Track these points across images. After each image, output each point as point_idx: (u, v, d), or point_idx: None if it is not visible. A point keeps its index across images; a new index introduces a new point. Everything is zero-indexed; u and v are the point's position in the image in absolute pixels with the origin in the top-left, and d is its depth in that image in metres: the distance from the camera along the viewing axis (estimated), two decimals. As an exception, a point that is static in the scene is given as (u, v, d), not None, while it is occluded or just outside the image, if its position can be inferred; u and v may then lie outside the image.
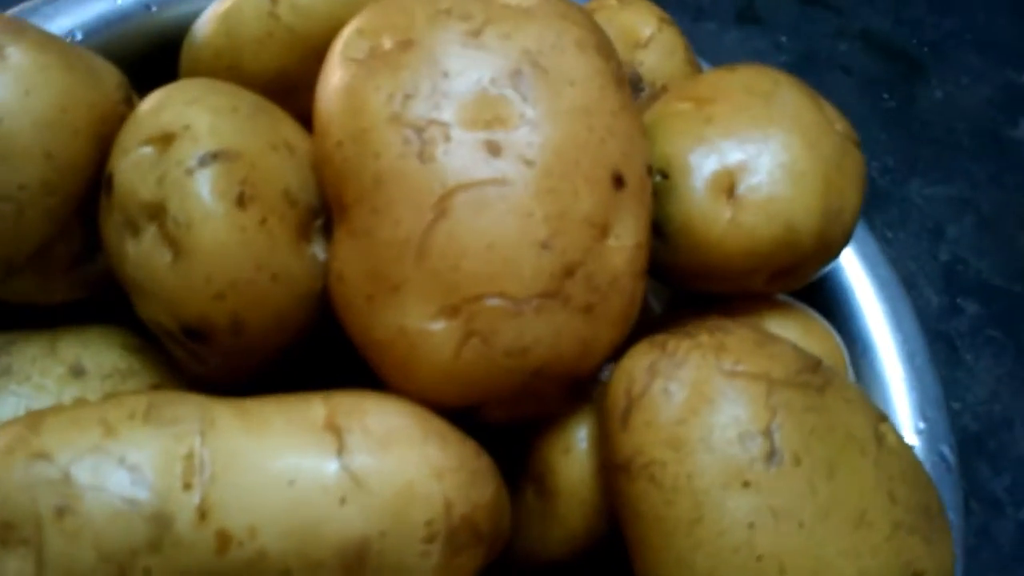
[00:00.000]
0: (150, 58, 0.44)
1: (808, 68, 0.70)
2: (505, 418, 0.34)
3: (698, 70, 0.45)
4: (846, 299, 0.45)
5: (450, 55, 0.32)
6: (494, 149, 0.31)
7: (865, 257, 0.46)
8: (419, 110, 0.32)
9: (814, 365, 0.33)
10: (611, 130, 0.33)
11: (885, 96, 0.71)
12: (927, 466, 0.40)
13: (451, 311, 0.31)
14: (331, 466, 0.28)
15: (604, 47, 0.35)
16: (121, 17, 0.43)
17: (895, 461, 0.33)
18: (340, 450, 0.29)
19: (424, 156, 0.31)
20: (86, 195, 0.33)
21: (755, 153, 0.37)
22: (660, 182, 0.37)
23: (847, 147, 0.39)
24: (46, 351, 0.34)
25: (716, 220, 0.37)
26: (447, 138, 0.31)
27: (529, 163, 0.31)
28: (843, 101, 0.62)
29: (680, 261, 0.37)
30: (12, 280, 0.33)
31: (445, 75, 0.32)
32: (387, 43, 0.33)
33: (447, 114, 0.32)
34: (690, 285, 0.39)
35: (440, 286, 0.31)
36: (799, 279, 0.39)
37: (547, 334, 0.31)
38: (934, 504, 0.33)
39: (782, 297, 0.41)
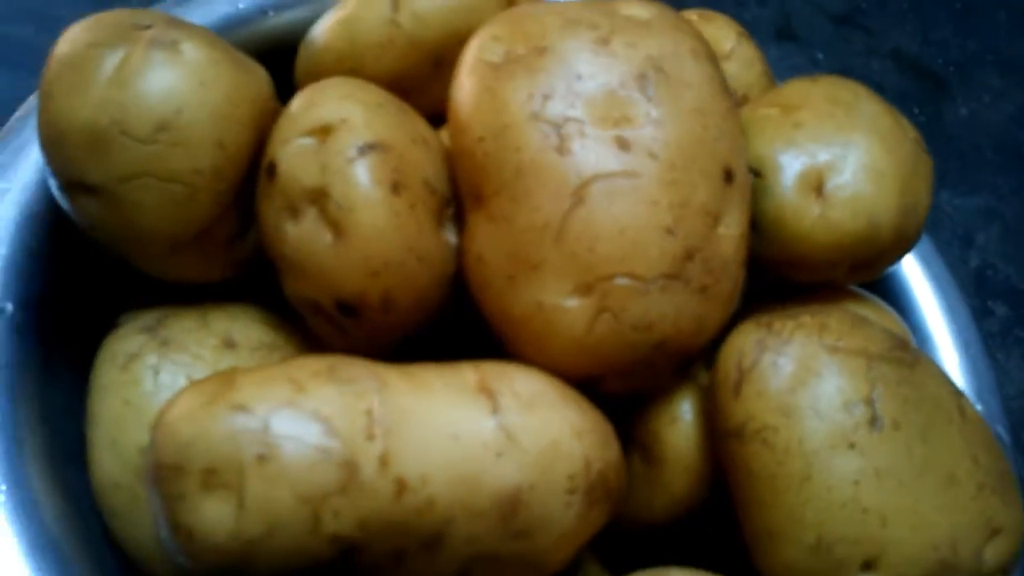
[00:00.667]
0: (264, 60, 0.47)
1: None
2: (622, 389, 0.37)
3: (772, 81, 0.49)
4: (905, 293, 0.49)
5: (582, 60, 0.36)
6: (623, 144, 0.35)
7: (920, 255, 0.50)
8: (556, 108, 0.35)
9: (904, 344, 0.37)
10: (722, 130, 0.37)
11: (916, 111, 0.75)
12: (986, 446, 0.44)
13: (585, 289, 0.34)
14: (488, 423, 0.31)
15: (712, 56, 0.38)
16: (241, 20, 0.46)
17: (975, 430, 0.36)
18: (495, 409, 0.32)
19: (562, 150, 0.34)
20: (245, 181, 0.36)
21: (840, 155, 0.41)
22: (754, 180, 0.41)
23: (919, 152, 0.43)
24: (199, 325, 0.37)
25: (806, 214, 0.40)
26: (582, 134, 0.35)
27: (654, 157, 0.35)
28: None
29: (772, 252, 0.41)
30: (174, 257, 0.36)
31: (578, 77, 0.36)
32: (521, 49, 0.36)
33: (581, 112, 0.35)
34: (780, 274, 0.42)
35: (576, 266, 0.34)
36: (876, 271, 0.43)
37: (669, 311, 0.35)
38: (1007, 469, 0.37)
39: (854, 289, 0.45)
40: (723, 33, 0.48)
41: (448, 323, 0.39)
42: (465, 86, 0.37)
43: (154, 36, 0.35)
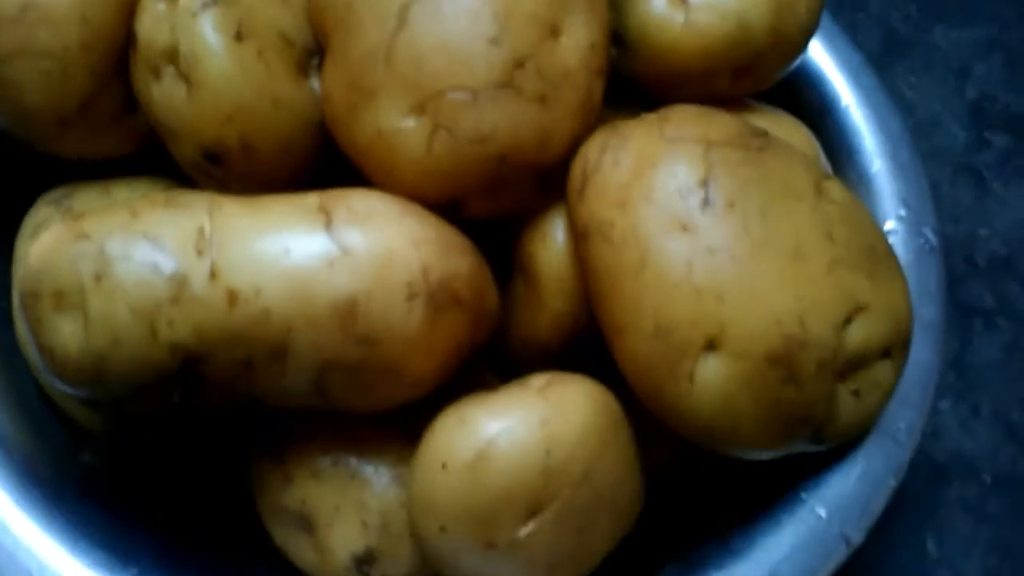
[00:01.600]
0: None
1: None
2: (486, 211, 0.38)
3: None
4: (832, 108, 0.48)
5: None
6: (444, -37, 0.36)
7: (849, 68, 0.48)
8: (378, -61, 0.36)
9: (757, 132, 0.36)
10: (554, -60, 0.37)
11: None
12: (911, 248, 0.43)
13: (419, 108, 0.35)
14: (320, 237, 0.33)
15: None
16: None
17: (835, 209, 0.35)
18: (328, 224, 0.34)
19: (384, -23, 0.36)
20: (120, 54, 0.39)
21: (706, -40, 0.40)
22: (620, -2, 0.41)
23: (799, -52, 0.42)
24: (102, 194, 0.41)
25: (671, 25, 0.40)
26: (403, -41, 0.36)
27: (477, -29, 0.36)
28: None
29: (642, 68, 0.41)
30: (65, 134, 0.39)
31: (400, -92, 0.37)
32: None
33: (402, -64, 0.36)
34: (657, 92, 0.42)
35: (407, 86, 0.35)
36: (762, 77, 0.42)
37: (504, 121, 0.36)
38: (880, 247, 0.36)
39: (756, 102, 0.44)
40: None
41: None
42: (306, -66, 0.39)
43: (18, -73, 0.38)
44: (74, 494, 0.38)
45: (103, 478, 0.41)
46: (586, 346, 0.40)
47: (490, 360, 0.42)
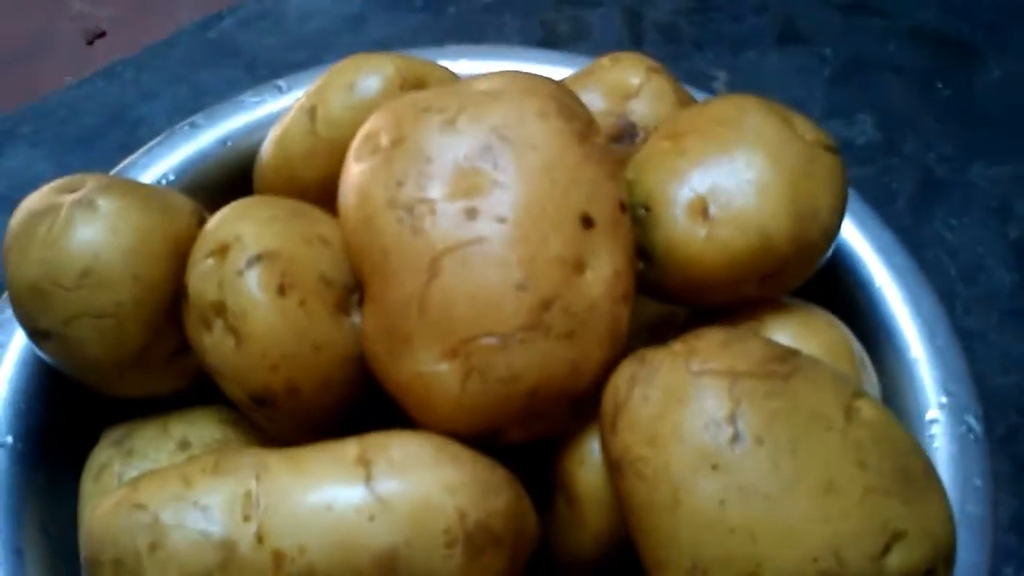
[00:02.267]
0: (234, 183, 0.53)
1: (855, 74, 0.72)
2: (523, 438, 0.39)
3: (691, 109, 0.50)
4: (865, 291, 0.48)
5: (431, 143, 0.39)
6: (472, 214, 0.38)
7: (881, 249, 0.49)
8: (408, 193, 0.38)
9: (783, 356, 0.37)
10: (573, 180, 0.39)
11: (939, 86, 0.72)
12: (954, 437, 0.43)
13: (451, 353, 0.37)
14: (360, 491, 0.35)
15: (565, 110, 0.40)
16: (203, 156, 0.53)
17: (866, 432, 0.36)
18: (368, 478, 0.35)
19: (416, 230, 0.38)
20: (173, 304, 0.42)
21: (724, 174, 0.42)
22: (644, 215, 0.43)
23: (816, 153, 0.43)
24: (160, 432, 0.43)
25: (694, 239, 0.41)
26: (432, 212, 0.38)
27: (502, 220, 0.38)
28: (894, 101, 0.65)
29: (670, 281, 0.42)
30: (124, 379, 0.42)
31: (428, 160, 0.39)
32: (384, 141, 0.40)
33: (432, 192, 0.38)
34: (686, 301, 0.43)
35: (440, 333, 0.37)
36: (789, 280, 0.43)
37: (534, 361, 0.37)
38: (916, 467, 0.36)
39: (787, 299, 0.45)
40: (630, 72, 0.49)
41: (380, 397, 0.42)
42: (343, 184, 0.41)
43: (76, 198, 0.41)
44: None
45: None
46: (630, 562, 0.41)
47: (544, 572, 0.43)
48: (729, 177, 0.42)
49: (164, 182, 0.51)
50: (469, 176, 0.38)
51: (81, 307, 0.40)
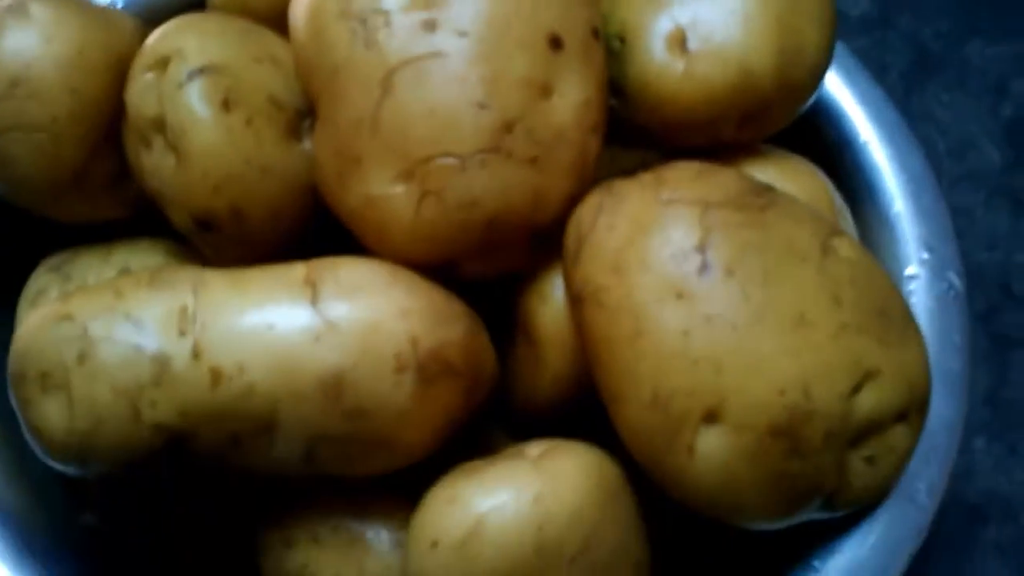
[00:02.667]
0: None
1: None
2: (482, 272, 0.37)
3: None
4: (850, 147, 0.46)
5: (389, -51, 0.36)
6: (430, 26, 0.35)
7: (868, 103, 0.46)
8: (362, 2, 0.35)
9: (759, 190, 0.35)
10: (544, -2, 0.36)
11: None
12: (933, 294, 0.41)
13: (406, 175, 0.35)
14: (305, 311, 0.33)
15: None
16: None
17: (843, 268, 0.34)
18: (314, 299, 0.33)
19: (368, 42, 0.35)
20: (112, 124, 0.39)
21: (705, 5, 0.39)
22: (619, 47, 0.40)
23: (804, -13, 0.40)
24: (101, 259, 0.41)
25: (670, 74, 0.39)
26: (388, 23, 0.35)
27: (462, 34, 0.35)
28: None
29: (643, 118, 0.40)
30: (61, 201, 0.39)
31: (386, -31, 0.36)
32: (340, -49, 0.37)
33: (387, 2, 0.35)
34: (660, 142, 0.41)
35: (394, 154, 0.35)
36: (771, 122, 0.40)
37: (494, 186, 0.35)
38: (894, 308, 0.34)
39: (766, 146, 0.42)
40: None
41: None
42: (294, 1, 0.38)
43: (8, 4, 0.38)
44: (73, 554, 0.38)
45: (103, 539, 0.41)
46: (590, 405, 0.39)
47: (498, 415, 0.41)
48: (711, 8, 0.39)
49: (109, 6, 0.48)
50: (431, -13, 0.36)
51: (11, 119, 0.37)
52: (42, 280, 0.40)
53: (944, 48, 0.65)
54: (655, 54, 0.39)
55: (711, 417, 0.32)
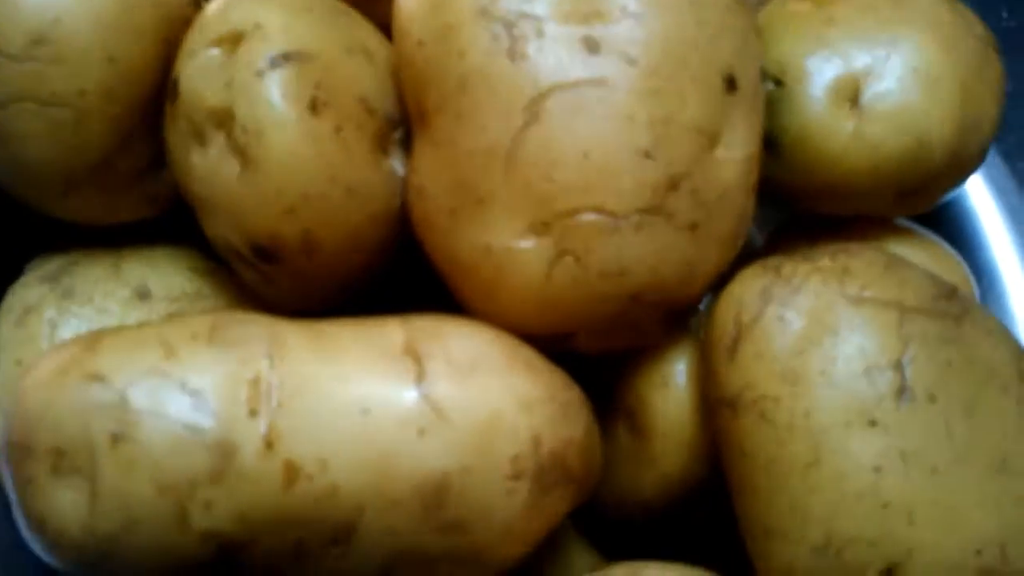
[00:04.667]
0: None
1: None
2: (598, 347, 0.31)
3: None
4: (972, 228, 0.41)
5: (544, -59, 0.29)
6: (592, 46, 0.28)
7: (993, 182, 0.42)
8: (509, 3, 0.28)
9: (950, 292, 0.29)
10: (723, 26, 0.30)
11: (1004, 15, 0.64)
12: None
13: (542, 227, 0.28)
14: (410, 394, 0.26)
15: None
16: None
17: (1043, 402, 0.29)
18: (419, 377, 0.26)
19: (514, 54, 0.28)
20: (151, 104, 0.31)
21: (883, 56, 0.33)
22: (773, 90, 0.34)
23: (987, 53, 0.35)
24: (110, 273, 0.33)
25: (837, 132, 0.33)
26: (540, 33, 0.28)
27: (631, 61, 0.28)
28: None
29: (796, 178, 0.34)
30: (72, 196, 0.31)
31: (539, -37, 0.29)
32: (475, -72, 0.30)
33: (540, 7, 0.28)
34: (807, 206, 0.35)
35: (530, 199, 0.28)
36: (928, 200, 0.35)
37: (648, 254, 0.28)
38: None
39: (903, 222, 0.37)
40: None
41: (407, 267, 0.33)
42: (403, -23, 0.30)
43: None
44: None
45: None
46: (690, 509, 0.33)
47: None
48: (889, 60, 0.33)
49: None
50: (592, -5, 0.29)
51: (26, 87, 0.29)
52: (32, 292, 0.32)
53: (1010, 109, 0.60)
54: (819, 104, 0.33)
55: (889, 572, 0.26)
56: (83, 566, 0.25)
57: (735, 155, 0.30)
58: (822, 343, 0.28)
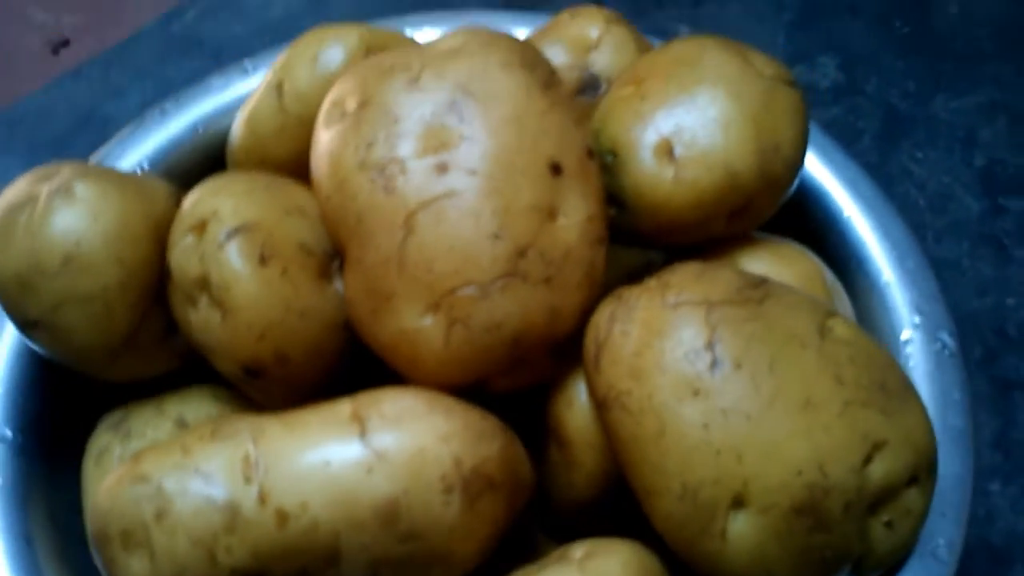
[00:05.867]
0: (208, 168, 0.53)
1: (814, 19, 0.73)
2: (511, 386, 0.40)
3: (651, 57, 0.51)
4: (834, 222, 0.49)
5: (397, 103, 0.40)
6: (443, 169, 0.38)
7: (847, 181, 0.50)
8: (379, 153, 0.39)
9: (755, 283, 0.38)
10: (541, 129, 0.39)
11: (898, 24, 0.73)
12: (929, 354, 0.44)
13: (434, 307, 0.38)
14: (356, 446, 0.36)
15: (528, 60, 0.41)
16: (175, 143, 0.53)
17: (841, 349, 0.37)
18: (363, 433, 0.36)
19: (388, 189, 0.39)
20: (159, 285, 0.42)
21: (686, 115, 0.43)
22: (612, 161, 0.43)
23: (776, 88, 0.43)
24: (155, 413, 0.44)
25: (662, 181, 0.42)
26: (404, 170, 0.39)
27: (472, 172, 0.38)
28: (854, 41, 0.66)
29: (641, 224, 0.43)
30: (115, 363, 0.42)
31: (395, 120, 0.40)
32: (351, 105, 0.41)
33: (402, 151, 0.39)
34: (659, 243, 0.44)
35: (421, 289, 0.38)
36: (757, 215, 0.44)
37: (514, 307, 0.38)
38: (892, 380, 0.37)
39: (758, 234, 0.46)
40: (589, 23, 0.50)
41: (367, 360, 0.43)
42: (314, 152, 0.42)
43: (53, 187, 0.42)
44: None
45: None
46: (623, 499, 0.42)
47: (539, 518, 0.44)
48: (692, 116, 0.43)
49: (139, 171, 0.52)
50: (437, 132, 0.39)
51: (66, 293, 0.40)
52: (103, 439, 0.43)
53: (912, 107, 0.68)
54: (646, 164, 0.42)
55: (738, 503, 0.35)
56: (155, 613, 0.35)
57: (573, 220, 0.39)
58: (652, 343, 0.36)
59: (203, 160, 0.53)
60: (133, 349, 0.42)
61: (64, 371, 0.44)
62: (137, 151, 0.52)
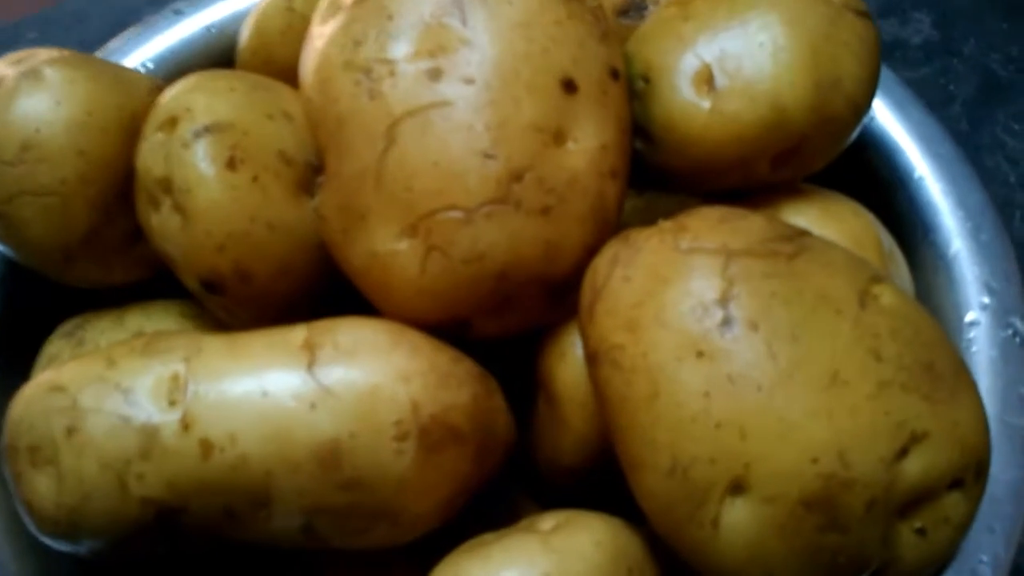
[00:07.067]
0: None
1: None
2: (496, 331, 0.35)
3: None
4: (903, 183, 0.43)
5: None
6: (436, 75, 0.33)
7: (923, 137, 0.43)
8: (366, 53, 0.34)
9: (789, 235, 0.32)
10: (555, 39, 0.34)
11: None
12: (995, 341, 0.38)
13: (411, 230, 0.33)
14: (300, 376, 0.31)
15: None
16: (186, 43, 0.49)
17: (884, 319, 0.31)
18: (311, 363, 0.31)
19: (373, 93, 0.34)
20: (126, 185, 0.38)
21: (732, 39, 0.37)
22: (643, 87, 0.38)
23: (842, 15, 0.37)
24: (114, 324, 0.40)
25: (696, 113, 0.36)
26: (392, 73, 0.34)
27: (469, 81, 0.33)
28: None
29: (670, 162, 0.37)
30: (71, 265, 0.39)
31: (390, 17, 0.35)
32: (347, 1, 0.36)
33: (393, 52, 0.34)
34: (691, 186, 0.38)
35: (398, 208, 0.33)
36: (809, 161, 0.38)
37: (502, 238, 0.33)
38: (942, 362, 0.31)
39: (807, 186, 0.39)
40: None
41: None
42: (303, 52, 0.37)
43: (23, 69, 0.38)
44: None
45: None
46: (617, 469, 0.36)
47: (525, 480, 0.39)
48: (739, 42, 0.37)
49: (142, 70, 0.48)
50: (435, 34, 0.34)
51: (22, 184, 0.37)
52: (55, 346, 0.40)
53: (1013, 74, 0.61)
54: (680, 93, 0.37)
55: (737, 487, 0.29)
56: (61, 537, 0.31)
57: (585, 146, 0.34)
58: (656, 292, 0.31)
59: (214, 63, 0.49)
60: (92, 252, 0.39)
61: (26, 274, 0.41)
62: (143, 49, 0.48)
